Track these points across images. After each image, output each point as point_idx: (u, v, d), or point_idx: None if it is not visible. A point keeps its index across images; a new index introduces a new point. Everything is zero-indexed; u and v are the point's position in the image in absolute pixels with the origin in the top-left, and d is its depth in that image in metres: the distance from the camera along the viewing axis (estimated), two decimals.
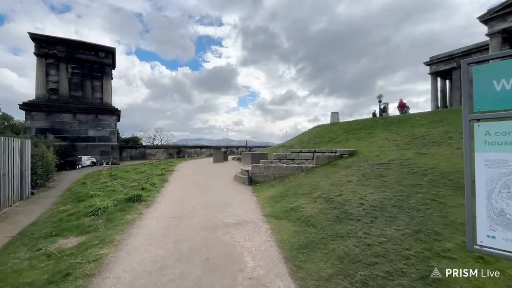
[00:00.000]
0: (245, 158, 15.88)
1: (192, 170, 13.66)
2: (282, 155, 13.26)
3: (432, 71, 25.30)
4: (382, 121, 15.38)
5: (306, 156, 12.96)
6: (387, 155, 7.80)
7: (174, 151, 29.50)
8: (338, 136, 14.97)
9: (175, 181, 9.77)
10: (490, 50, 16.00)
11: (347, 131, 15.52)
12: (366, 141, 11.79)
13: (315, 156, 12.44)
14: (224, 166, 15.27)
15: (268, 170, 8.60)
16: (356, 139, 13.13)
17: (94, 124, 18.86)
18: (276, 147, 19.61)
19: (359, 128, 15.09)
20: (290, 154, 13.21)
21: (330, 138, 15.12)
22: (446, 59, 23.84)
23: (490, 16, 15.45)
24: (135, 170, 14.24)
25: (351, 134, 14.37)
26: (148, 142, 51.18)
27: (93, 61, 19.38)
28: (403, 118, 14.74)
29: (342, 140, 13.95)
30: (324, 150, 12.30)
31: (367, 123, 15.98)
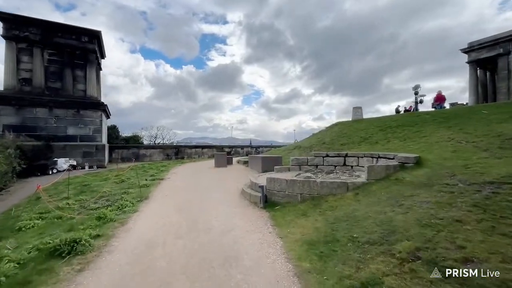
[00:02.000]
0: (253, 162, 13.17)
1: (187, 178, 11.03)
2: (302, 160, 10.50)
3: (471, 59, 22.10)
4: (427, 116, 12.44)
5: (334, 161, 10.18)
6: (487, 166, 4.96)
7: (172, 152, 27.02)
8: (372, 136, 12.10)
9: (157, 200, 7.11)
10: None
11: (383, 129, 12.63)
12: (419, 143, 8.92)
13: (359, 161, 9.67)
14: (227, 172, 12.62)
15: (293, 187, 5.88)
16: (401, 139, 10.26)
17: (75, 120, 16.43)
18: (289, 148, 16.86)
19: (398, 126, 12.19)
20: (313, 159, 10.45)
21: (362, 138, 12.26)
22: (490, 44, 20.64)
23: None
24: (117, 177, 11.68)
25: (390, 133, 11.49)
26: (149, 141, 49.12)
27: (75, 46, 16.94)
28: (460, 112, 11.75)
29: (380, 140, 11.08)
30: (360, 154, 9.51)
31: (406, 119, 13.06)
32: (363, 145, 11.42)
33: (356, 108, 20.31)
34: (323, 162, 10.36)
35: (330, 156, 10.26)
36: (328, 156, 10.31)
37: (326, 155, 10.36)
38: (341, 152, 10.14)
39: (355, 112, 20.04)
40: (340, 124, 18.41)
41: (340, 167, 9.95)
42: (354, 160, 9.61)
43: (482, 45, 21.34)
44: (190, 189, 8.46)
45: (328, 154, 10.32)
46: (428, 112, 13.51)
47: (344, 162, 9.93)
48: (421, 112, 14.25)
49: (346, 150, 11.60)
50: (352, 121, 17.91)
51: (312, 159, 10.44)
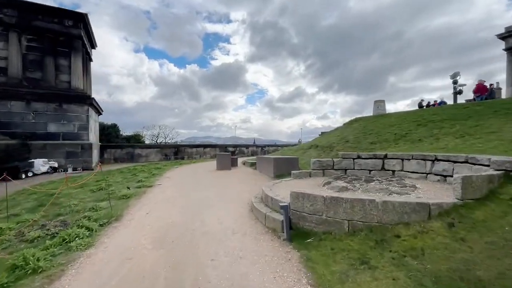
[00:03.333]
0: (263, 164, 11.12)
1: (181, 185, 9.03)
2: (326, 163, 8.41)
3: (509, 45, 19.67)
4: (478, 107, 10.23)
5: (369, 165, 8.06)
6: None
7: (171, 152, 25.14)
8: (411, 132, 9.93)
9: (130, 222, 5.09)
10: None
11: (422, 123, 10.45)
12: (490, 140, 6.77)
13: (403, 165, 7.54)
14: (232, 177, 10.60)
15: (335, 209, 3.81)
16: (456, 135, 8.09)
17: (57, 116, 14.60)
18: (303, 147, 14.76)
19: (443, 120, 10.00)
20: (340, 162, 8.34)
21: (397, 135, 10.09)
22: None
23: None
24: (98, 183, 9.77)
25: (436, 129, 9.31)
26: (151, 140, 48.00)
27: (57, 31, 15.11)
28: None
29: (424, 137, 8.92)
30: (406, 155, 7.37)
31: (451, 111, 10.85)
32: (401, 143, 9.27)
33: (378, 101, 18.10)
34: (353, 165, 8.26)
35: (363, 157, 8.15)
36: (360, 157, 8.20)
37: (357, 156, 8.25)
38: (377, 153, 8.01)
39: (377, 106, 17.84)
40: (361, 120, 16.24)
41: (378, 172, 7.84)
42: (397, 163, 7.48)
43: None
44: (182, 203, 6.45)
45: (360, 156, 8.21)
46: (479, 103, 11.23)
47: (383, 165, 7.81)
48: (469, 103, 11.95)
49: (379, 150, 9.48)
50: (375, 116, 15.72)
51: (339, 161, 8.35)
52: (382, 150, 9.24)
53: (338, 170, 8.36)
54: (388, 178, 6.69)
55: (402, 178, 6.69)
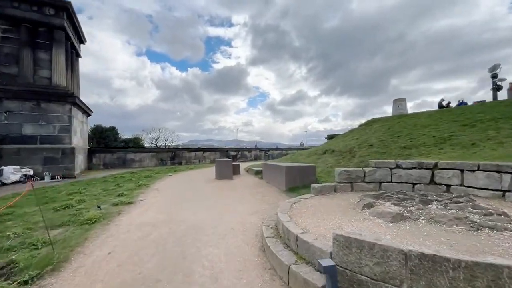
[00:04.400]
0: (271, 173, 9.34)
1: (168, 204, 7.20)
2: (355, 174, 6.63)
3: None
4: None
5: (412, 176, 6.25)
6: None
7: (167, 156, 23.45)
8: (456, 134, 8.14)
9: (75, 275, 3.39)
10: None
11: (468, 124, 8.66)
12: None
13: (463, 178, 5.72)
14: (233, 189, 8.83)
15: (431, 278, 2.07)
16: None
17: (35, 116, 12.98)
18: (316, 152, 12.95)
19: (495, 118, 8.22)
20: (373, 172, 6.55)
21: (440, 138, 8.30)
22: None
23: None
24: (69, 197, 8.10)
25: (491, 130, 7.51)
26: (151, 144, 47.33)
27: (36, 21, 13.57)
28: None
29: (479, 141, 7.11)
30: (467, 164, 5.58)
31: (499, 109, 9.06)
32: (447, 148, 7.47)
33: (399, 100, 16.31)
34: (390, 177, 6.47)
35: (404, 167, 6.36)
36: (400, 167, 6.41)
37: (395, 165, 6.46)
38: (424, 161, 6.22)
39: (398, 105, 16.05)
40: (380, 121, 14.46)
41: (425, 187, 6.05)
42: (454, 175, 5.69)
43: None
44: (163, 234, 4.68)
45: (400, 165, 6.42)
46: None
47: (432, 178, 6.02)
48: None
49: (418, 156, 7.70)
50: (398, 117, 13.92)
51: (371, 172, 6.56)
52: (423, 156, 7.46)
53: (370, 184, 6.57)
54: (452, 198, 4.88)
55: (470, 198, 4.89)
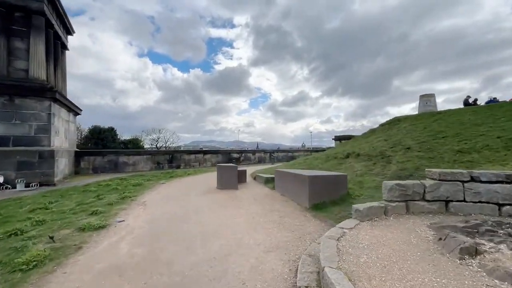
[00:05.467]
0: (288, 184, 7.51)
1: (153, 232, 5.38)
2: (412, 189, 4.79)
3: None
4: None
5: (498, 194, 4.29)
6: None
7: (165, 159, 21.75)
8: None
9: None
10: None
11: None
12: None
13: None
14: (240, 207, 7.03)
15: None
16: None
17: (7, 113, 11.32)
18: (337, 155, 11.10)
19: None
20: (437, 186, 4.70)
21: (510, 140, 6.47)
22: None
23: None
24: (33, 213, 6.44)
25: None
26: (151, 145, 46.49)
27: (11, 4, 11.94)
28: None
29: None
30: None
31: None
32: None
33: (426, 96, 14.47)
34: (463, 194, 4.66)
35: (483, 180, 4.55)
36: (476, 180, 4.60)
37: (470, 178, 4.65)
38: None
39: (425, 101, 14.21)
40: (409, 119, 12.64)
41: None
42: None
43: None
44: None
45: (476, 177, 4.61)
46: None
47: None
48: None
49: (484, 162, 5.89)
50: (432, 114, 12.07)
51: (434, 186, 4.76)
52: (495, 165, 5.64)
53: (433, 204, 4.77)
54: None
55: None
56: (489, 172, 4.59)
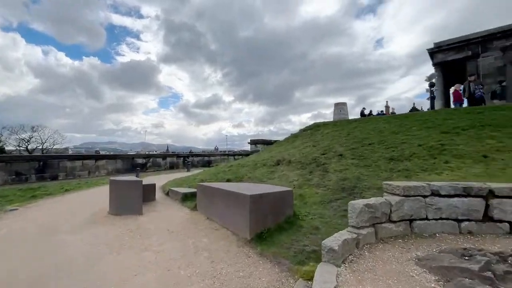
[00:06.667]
0: (215, 203, 5.59)
1: None
2: (380, 210, 3.86)
3: (438, 60, 21.43)
4: (497, 112, 8.26)
5: (458, 209, 3.79)
6: None
7: (31, 168, 15.61)
8: (446, 144, 6.84)
9: None
10: None
11: (446, 131, 7.66)
12: None
13: None
14: (148, 245, 4.65)
15: None
16: None
17: None
18: (265, 162, 9.97)
19: (471, 126, 7.46)
20: (401, 204, 3.96)
21: (431, 148, 6.81)
22: (458, 45, 20.21)
23: None
24: None
25: (489, 139, 6.47)
26: (17, 148, 34.88)
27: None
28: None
29: (488, 151, 5.82)
30: None
31: (465, 116, 8.60)
32: (453, 161, 5.89)
33: (340, 104, 15.63)
34: (425, 210, 4.13)
35: (443, 194, 4.14)
36: (437, 194, 4.16)
37: (431, 192, 4.17)
38: (472, 184, 4.15)
39: (339, 109, 15.31)
40: (329, 126, 13.08)
41: (477, 225, 3.97)
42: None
43: (450, 45, 20.78)
44: None
45: (436, 190, 4.15)
46: (496, 107, 9.46)
47: (486, 211, 4.00)
48: (493, 107, 10.06)
49: (418, 171, 5.87)
50: (349, 122, 12.85)
51: (399, 204, 4.04)
52: (431, 173, 5.63)
53: (399, 224, 4.04)
54: None
55: None
56: (448, 184, 4.21)
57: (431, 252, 3.30)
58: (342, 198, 5.63)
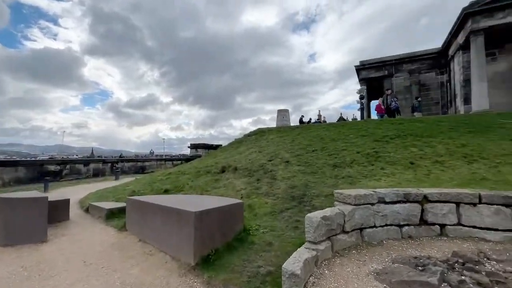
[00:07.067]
0: (149, 221, 4.66)
1: None
2: (336, 221, 3.85)
3: (362, 76, 24.53)
4: (419, 124, 9.59)
5: (400, 215, 4.21)
6: None
7: None
8: (380, 151, 7.48)
9: None
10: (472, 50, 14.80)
11: (378, 140, 8.45)
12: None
13: (459, 214, 4.13)
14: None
15: None
16: (459, 157, 6.14)
17: None
18: (208, 168, 9.18)
19: (401, 135, 8.43)
20: (352, 214, 4.02)
21: (367, 154, 7.34)
22: (378, 65, 23.53)
23: (478, 8, 14.23)
24: None
25: (413, 147, 7.30)
26: None
27: None
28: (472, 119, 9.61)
29: (413, 159, 6.53)
30: (465, 194, 4.23)
31: (392, 126, 9.70)
32: (388, 167, 6.41)
33: (283, 111, 16.07)
34: (373, 218, 4.21)
35: (387, 201, 4.31)
36: (382, 201, 4.31)
37: (377, 199, 4.29)
38: (409, 190, 4.45)
39: (282, 116, 15.71)
40: (273, 132, 13.21)
41: (415, 229, 4.25)
42: (450, 211, 4.22)
43: (371, 65, 24.02)
44: None
45: (382, 197, 4.30)
46: (422, 119, 10.88)
47: (422, 215, 4.32)
48: (411, 119, 11.45)
49: (360, 177, 6.19)
50: (292, 128, 13.20)
51: (351, 214, 4.00)
52: (371, 179, 5.98)
53: (351, 234, 4.00)
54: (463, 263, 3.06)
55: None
56: (391, 192, 4.40)
57: (386, 263, 3.27)
58: (293, 208, 5.44)
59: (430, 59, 21.34)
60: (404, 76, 22.44)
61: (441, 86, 20.96)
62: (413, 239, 4.16)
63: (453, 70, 19.05)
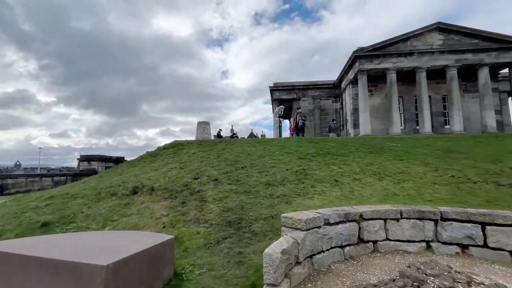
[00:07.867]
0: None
1: None
2: (293, 253, 3.47)
3: (275, 97, 26.63)
4: (330, 143, 10.72)
5: (343, 236, 4.30)
6: None
7: None
8: (307, 169, 7.80)
9: None
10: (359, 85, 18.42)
11: (301, 157, 8.89)
12: (427, 184, 6.16)
13: (387, 229, 4.45)
14: None
15: None
16: (371, 174, 7.02)
17: None
18: (114, 190, 7.14)
19: (319, 154, 9.14)
20: (303, 241, 3.75)
21: (296, 172, 7.48)
22: (288, 88, 26.15)
23: (363, 53, 17.87)
24: None
25: (334, 165, 7.93)
26: None
27: None
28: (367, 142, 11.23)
29: (336, 176, 7.04)
30: (391, 210, 4.67)
31: (304, 145, 10.46)
32: (317, 185, 6.64)
33: (203, 123, 15.16)
34: (321, 242, 4.03)
35: (331, 222, 4.26)
36: (327, 222, 4.22)
37: (324, 221, 4.17)
38: (348, 210, 4.56)
39: (203, 128, 14.79)
40: (194, 145, 12.13)
41: (355, 248, 4.34)
42: (380, 227, 4.56)
43: (284, 87, 26.50)
44: None
45: (327, 218, 4.22)
46: (332, 139, 12.01)
47: (359, 234, 4.47)
48: (324, 139, 12.48)
49: (294, 196, 6.14)
50: (215, 143, 12.44)
51: (304, 240, 3.68)
52: (305, 197, 5.99)
53: (304, 264, 3.65)
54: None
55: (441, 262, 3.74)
56: (334, 212, 4.38)
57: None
58: (231, 236, 4.72)
59: (328, 89, 25.43)
60: (309, 101, 25.76)
61: (336, 112, 25.20)
62: (354, 259, 4.20)
63: (345, 99, 23.27)
